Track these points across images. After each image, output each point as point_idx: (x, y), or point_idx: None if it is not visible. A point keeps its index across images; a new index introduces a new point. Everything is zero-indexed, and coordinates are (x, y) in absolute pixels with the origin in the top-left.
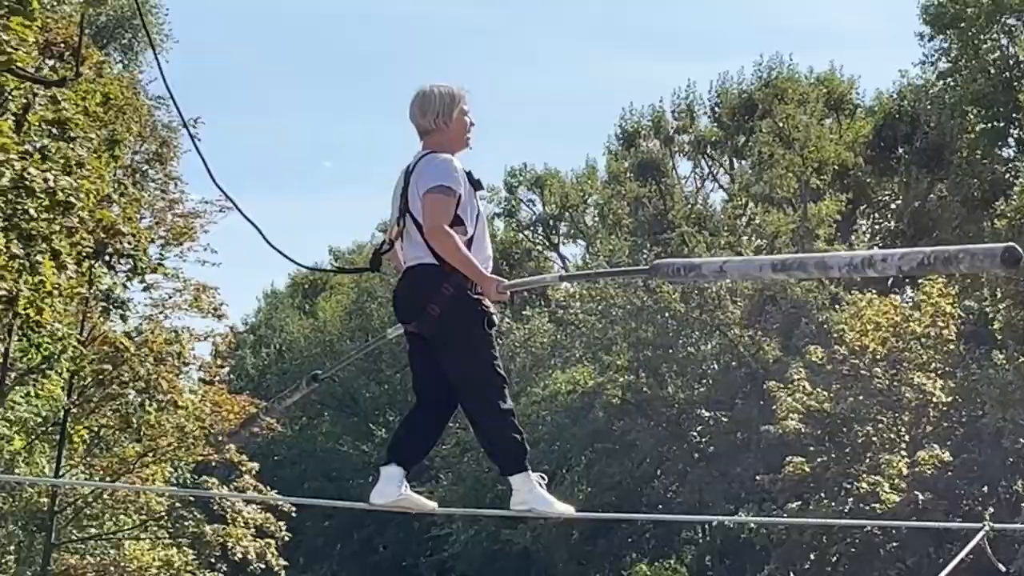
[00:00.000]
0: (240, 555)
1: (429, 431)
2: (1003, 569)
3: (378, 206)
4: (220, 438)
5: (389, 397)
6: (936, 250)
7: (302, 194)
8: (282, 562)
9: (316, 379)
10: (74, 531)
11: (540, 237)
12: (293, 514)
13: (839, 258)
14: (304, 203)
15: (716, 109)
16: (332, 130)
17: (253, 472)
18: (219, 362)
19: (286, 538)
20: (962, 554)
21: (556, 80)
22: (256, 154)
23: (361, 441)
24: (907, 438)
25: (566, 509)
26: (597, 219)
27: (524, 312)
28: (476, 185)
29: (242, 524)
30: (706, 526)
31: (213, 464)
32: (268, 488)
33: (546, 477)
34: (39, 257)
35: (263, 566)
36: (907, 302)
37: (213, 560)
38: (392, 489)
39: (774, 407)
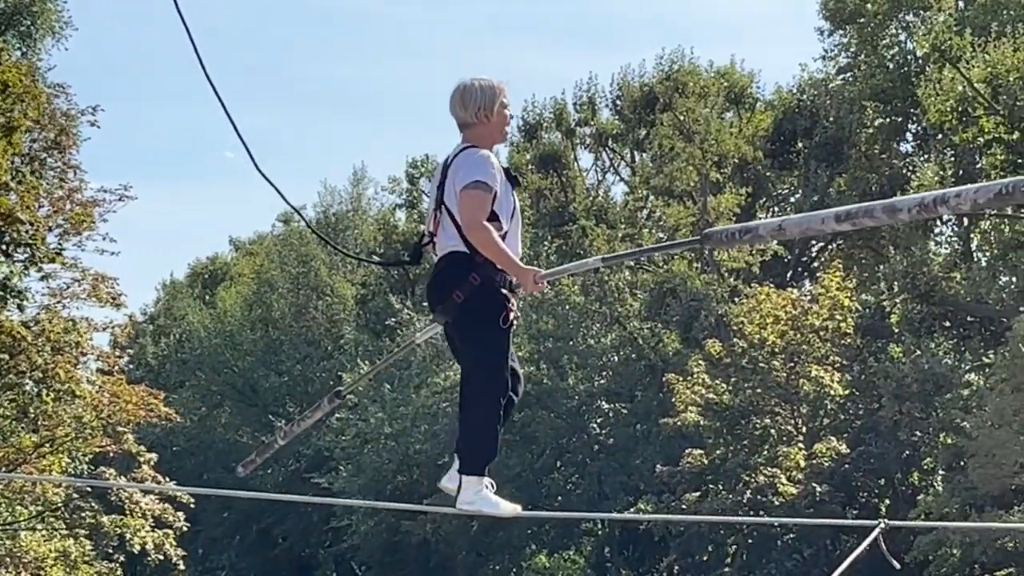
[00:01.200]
0: (138, 546)
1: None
2: (897, 566)
3: (278, 196)
4: (238, 470)
5: (289, 388)
6: (1015, 180)
7: (203, 184)
8: (180, 553)
9: (339, 396)
10: None
11: None
12: (192, 505)
13: (908, 200)
14: (206, 192)
15: (618, 102)
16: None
17: (151, 463)
18: (117, 352)
19: (184, 528)
20: (857, 551)
21: (460, 71)
22: (157, 143)
23: (260, 432)
24: (804, 430)
25: (512, 509)
26: None
27: (424, 304)
28: (513, 181)
29: (140, 515)
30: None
31: (111, 455)
32: (167, 479)
33: (495, 485)
34: None
35: (161, 557)
36: (805, 296)
37: (111, 551)
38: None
39: (673, 399)
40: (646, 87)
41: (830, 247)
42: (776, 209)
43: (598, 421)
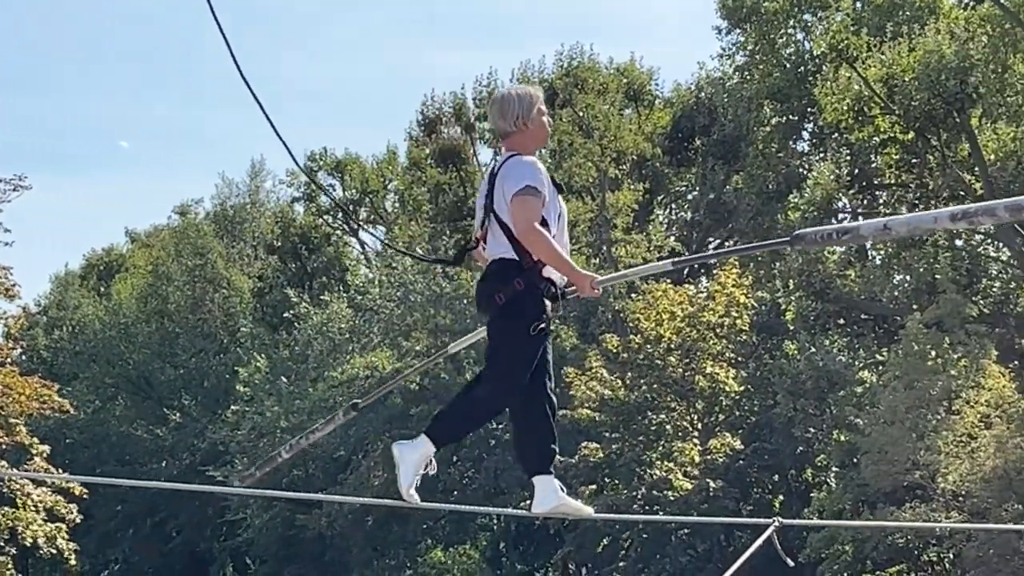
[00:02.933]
0: (30, 539)
1: (523, 419)
2: (791, 564)
3: (176, 187)
4: (235, 482)
5: (184, 381)
6: None
7: (99, 174)
8: (73, 546)
9: (356, 408)
10: None
11: (340, 222)
12: (85, 497)
13: None
14: (101, 183)
15: None
16: (128, 110)
17: (44, 455)
18: (10, 343)
19: (77, 521)
20: (751, 550)
21: (358, 66)
22: (51, 134)
23: (155, 425)
24: (700, 426)
25: (588, 511)
26: (397, 205)
27: (322, 297)
28: (559, 188)
29: (32, 507)
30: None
31: (3, 447)
32: (60, 471)
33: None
34: None
35: (53, 551)
36: (702, 292)
37: (1, 544)
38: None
39: (571, 393)
40: (546, 83)
41: (727, 243)
42: (673, 206)
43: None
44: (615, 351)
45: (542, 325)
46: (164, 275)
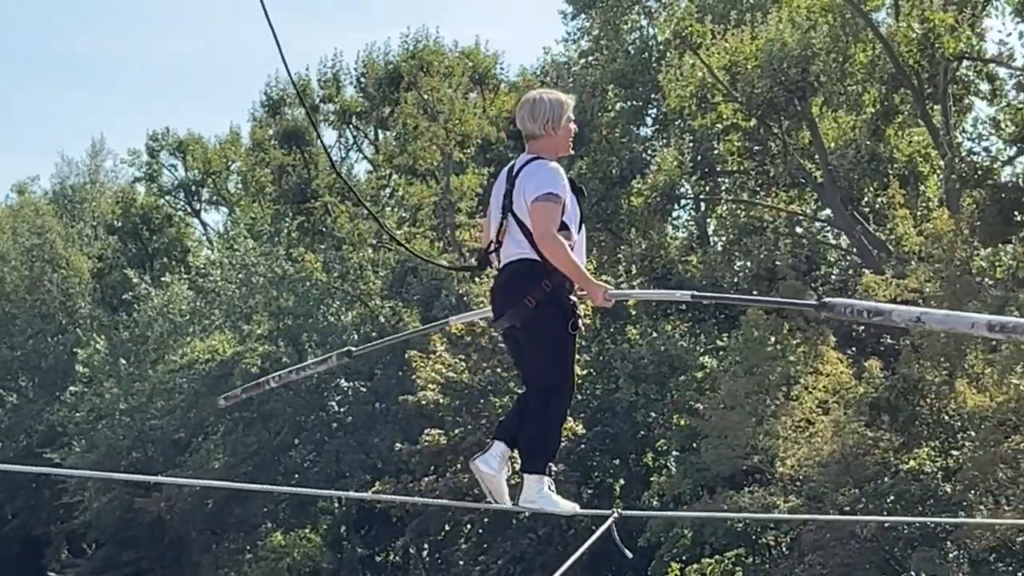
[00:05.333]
0: None
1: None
2: (630, 556)
3: (13, 164)
4: (219, 402)
5: (21, 362)
6: None
7: None
8: None
9: (350, 355)
10: None
11: (182, 203)
12: None
13: None
14: None
15: (362, 80)
16: None
17: None
18: None
19: None
20: (589, 542)
21: (201, 45)
22: None
23: None
24: None
25: (572, 508)
26: (240, 186)
27: (163, 279)
28: (579, 193)
29: None
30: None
31: None
32: None
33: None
34: None
35: None
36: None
37: None
38: (494, 463)
39: (413, 377)
40: (391, 65)
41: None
42: None
43: (337, 399)
44: (459, 334)
45: (579, 322)
46: (0, 254)
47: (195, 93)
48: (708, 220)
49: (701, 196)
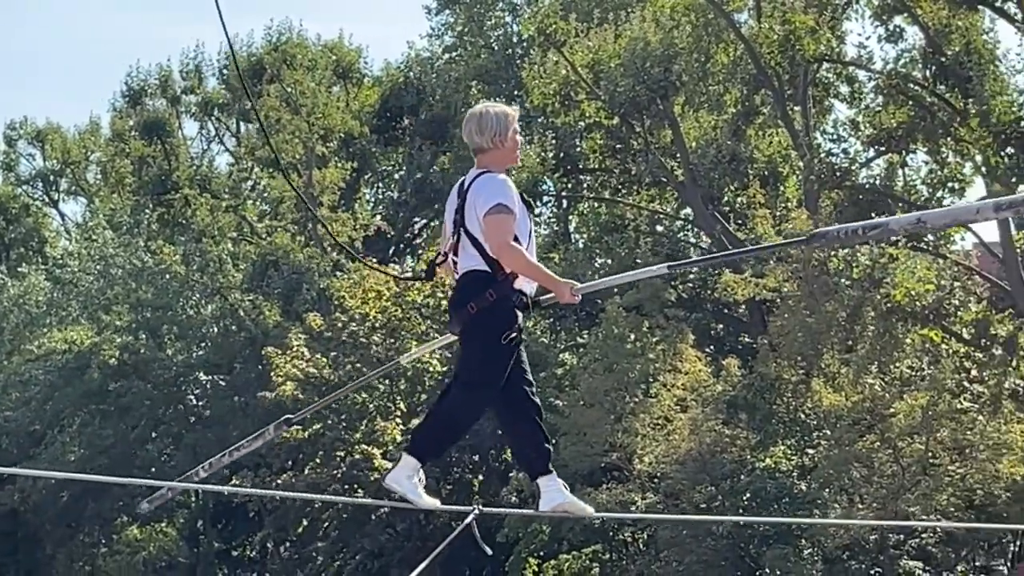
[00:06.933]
0: None
1: (513, 427)
2: (490, 552)
3: None
4: (142, 506)
5: None
6: None
7: None
8: None
9: (289, 424)
10: None
11: (40, 193)
12: None
13: None
14: None
15: (224, 71)
16: None
17: None
18: None
19: None
20: (449, 539)
21: (62, 33)
22: None
23: None
24: (403, 406)
25: (432, 502)
26: (100, 177)
27: (20, 269)
28: (528, 205)
29: None
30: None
31: None
32: None
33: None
34: None
35: None
36: (406, 271)
37: None
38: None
39: (272, 372)
40: (254, 58)
41: (432, 224)
42: (380, 185)
43: (196, 392)
44: (319, 329)
45: (513, 335)
46: None
47: (54, 82)
48: (570, 217)
49: (563, 193)
